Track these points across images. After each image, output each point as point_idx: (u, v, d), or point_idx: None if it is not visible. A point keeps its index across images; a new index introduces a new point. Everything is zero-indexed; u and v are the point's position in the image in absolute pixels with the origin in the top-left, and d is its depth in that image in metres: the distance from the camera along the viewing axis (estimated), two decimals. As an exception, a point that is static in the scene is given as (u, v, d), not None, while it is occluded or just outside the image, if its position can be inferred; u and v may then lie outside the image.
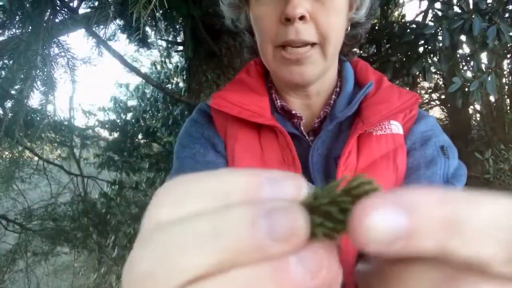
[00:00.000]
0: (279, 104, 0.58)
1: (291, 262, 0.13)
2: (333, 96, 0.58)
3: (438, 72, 2.01)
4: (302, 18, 0.48)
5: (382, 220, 0.13)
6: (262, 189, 0.14)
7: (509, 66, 1.99)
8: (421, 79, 1.80)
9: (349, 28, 0.56)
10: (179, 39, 2.72)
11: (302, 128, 0.56)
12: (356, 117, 0.55)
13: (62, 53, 1.46)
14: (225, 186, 0.15)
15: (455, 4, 1.68)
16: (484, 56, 1.60)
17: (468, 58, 1.73)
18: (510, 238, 0.12)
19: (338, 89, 0.59)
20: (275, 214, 0.13)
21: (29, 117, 1.80)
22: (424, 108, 3.23)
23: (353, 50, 0.62)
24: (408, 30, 1.65)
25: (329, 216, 0.14)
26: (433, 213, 0.13)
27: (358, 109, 0.55)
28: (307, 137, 0.55)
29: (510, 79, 1.96)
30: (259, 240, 0.13)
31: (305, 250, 0.13)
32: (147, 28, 2.27)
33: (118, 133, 3.70)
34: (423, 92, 3.43)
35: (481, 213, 0.13)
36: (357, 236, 0.13)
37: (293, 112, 0.56)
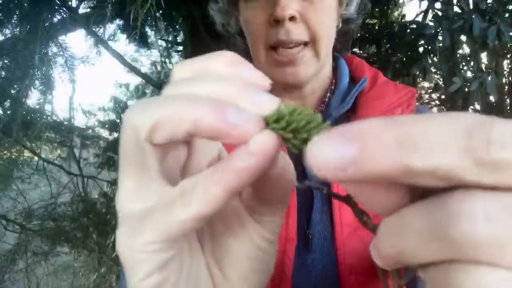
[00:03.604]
0: None
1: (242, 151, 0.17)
2: (328, 94, 0.57)
3: (438, 72, 2.00)
4: (292, 18, 0.48)
5: (331, 150, 0.14)
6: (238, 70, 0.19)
7: (509, 66, 1.99)
8: (421, 79, 1.79)
9: (340, 25, 0.56)
10: (179, 39, 2.72)
11: None
12: (352, 114, 0.54)
13: (61, 52, 1.46)
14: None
15: (455, 4, 1.67)
16: (484, 56, 1.60)
17: (468, 58, 1.72)
18: (470, 143, 0.12)
19: (333, 87, 0.58)
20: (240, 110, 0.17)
21: (29, 117, 1.80)
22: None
23: (346, 45, 0.62)
24: (408, 30, 1.65)
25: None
26: (383, 134, 0.13)
27: (354, 107, 0.54)
28: None
29: (510, 79, 1.95)
30: (224, 119, 0.16)
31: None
32: (147, 28, 2.27)
33: (118, 133, 3.70)
34: (423, 92, 3.42)
35: (433, 127, 0.13)
36: (310, 165, 0.14)
37: None
